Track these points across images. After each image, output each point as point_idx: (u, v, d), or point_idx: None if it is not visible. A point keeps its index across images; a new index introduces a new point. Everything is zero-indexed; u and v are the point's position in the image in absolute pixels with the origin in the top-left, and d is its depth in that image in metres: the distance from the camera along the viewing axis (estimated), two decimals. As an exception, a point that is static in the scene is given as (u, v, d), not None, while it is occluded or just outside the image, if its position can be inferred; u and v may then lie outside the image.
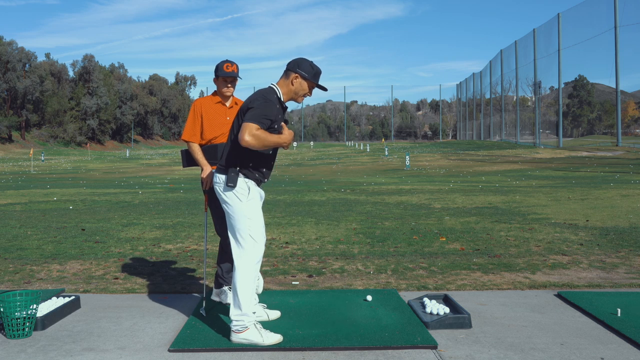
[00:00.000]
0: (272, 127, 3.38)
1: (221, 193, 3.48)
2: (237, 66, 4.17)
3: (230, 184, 3.39)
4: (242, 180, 3.44)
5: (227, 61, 4.13)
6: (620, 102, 33.28)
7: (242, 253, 3.44)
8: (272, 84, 3.52)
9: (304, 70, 3.46)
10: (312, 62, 3.50)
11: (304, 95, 3.55)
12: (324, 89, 3.62)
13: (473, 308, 4.13)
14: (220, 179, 3.48)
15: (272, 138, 3.31)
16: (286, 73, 3.50)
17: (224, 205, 3.50)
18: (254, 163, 3.47)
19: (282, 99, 3.48)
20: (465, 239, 6.77)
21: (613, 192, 11.75)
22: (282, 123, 3.50)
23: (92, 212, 9.91)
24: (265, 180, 3.60)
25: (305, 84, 3.49)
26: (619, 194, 11.36)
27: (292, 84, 3.48)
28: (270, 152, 3.54)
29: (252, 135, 3.23)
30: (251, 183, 3.47)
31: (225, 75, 4.10)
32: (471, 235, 7.00)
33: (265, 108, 3.33)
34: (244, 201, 3.42)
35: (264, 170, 3.55)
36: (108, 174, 25.86)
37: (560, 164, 24.99)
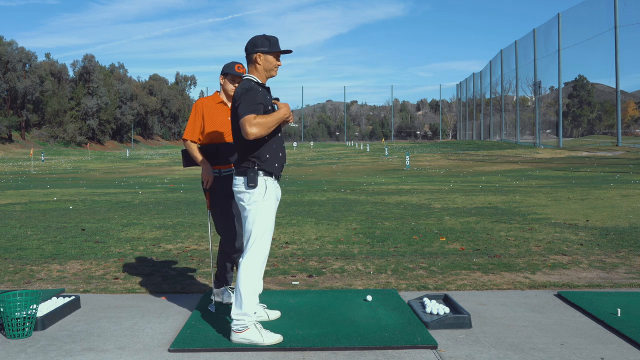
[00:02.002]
0: (266, 110, 3.43)
1: (242, 193, 3.48)
2: (245, 70, 4.26)
3: (252, 184, 3.43)
4: (261, 179, 3.47)
5: (237, 62, 4.24)
6: (620, 102, 33.29)
7: (251, 252, 3.44)
8: (243, 76, 3.59)
9: (262, 46, 3.51)
10: (264, 34, 3.56)
11: (276, 67, 3.59)
12: (289, 51, 3.61)
13: (473, 308, 4.13)
14: (239, 180, 3.50)
15: (272, 118, 3.38)
16: (248, 58, 3.56)
17: (240, 203, 3.52)
18: (269, 153, 3.50)
19: (260, 82, 3.54)
20: (465, 239, 6.77)
21: (613, 192, 11.75)
22: (274, 101, 3.55)
23: (92, 212, 9.91)
24: (282, 166, 3.62)
25: (270, 57, 3.54)
26: (619, 194, 11.36)
27: (259, 63, 3.53)
28: (278, 134, 3.56)
29: (253, 125, 3.28)
30: (269, 181, 3.50)
31: (236, 74, 4.19)
32: (471, 235, 7.00)
33: (251, 96, 3.39)
34: (260, 201, 3.45)
35: (280, 155, 3.57)
36: (108, 174, 25.86)
37: (560, 164, 24.99)
